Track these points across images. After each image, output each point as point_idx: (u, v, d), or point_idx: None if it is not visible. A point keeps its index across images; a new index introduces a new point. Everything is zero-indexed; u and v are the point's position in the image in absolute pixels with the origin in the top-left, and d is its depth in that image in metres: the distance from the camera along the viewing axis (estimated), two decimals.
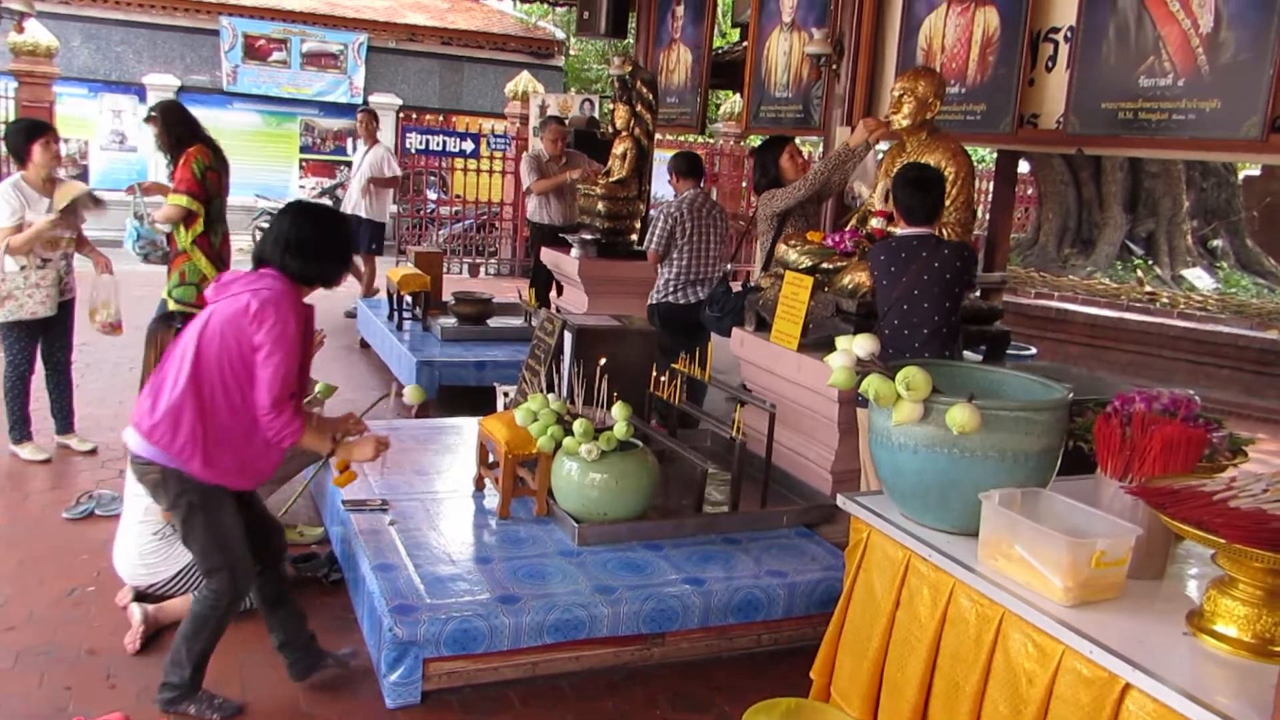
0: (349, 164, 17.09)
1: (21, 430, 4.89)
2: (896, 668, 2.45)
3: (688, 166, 5.96)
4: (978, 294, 4.33)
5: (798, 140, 5.87)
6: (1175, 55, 4.38)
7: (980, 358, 4.43)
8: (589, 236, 7.02)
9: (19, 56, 10.41)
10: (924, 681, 2.35)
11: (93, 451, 4.99)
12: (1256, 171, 12.63)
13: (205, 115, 16.70)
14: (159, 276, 7.17)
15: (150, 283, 7.20)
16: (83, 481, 4.60)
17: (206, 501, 2.77)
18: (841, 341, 2.69)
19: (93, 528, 4.11)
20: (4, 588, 3.58)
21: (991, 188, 9.38)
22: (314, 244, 2.84)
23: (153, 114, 5.14)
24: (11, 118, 10.43)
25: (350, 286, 7.20)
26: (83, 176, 15.06)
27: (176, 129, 4.96)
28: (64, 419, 5.07)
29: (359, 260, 8.66)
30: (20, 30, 10.54)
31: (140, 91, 15.33)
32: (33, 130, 4.76)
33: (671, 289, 5.85)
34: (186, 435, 2.69)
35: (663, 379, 4.27)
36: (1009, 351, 4.69)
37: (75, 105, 15.17)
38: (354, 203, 9.05)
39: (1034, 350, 6.01)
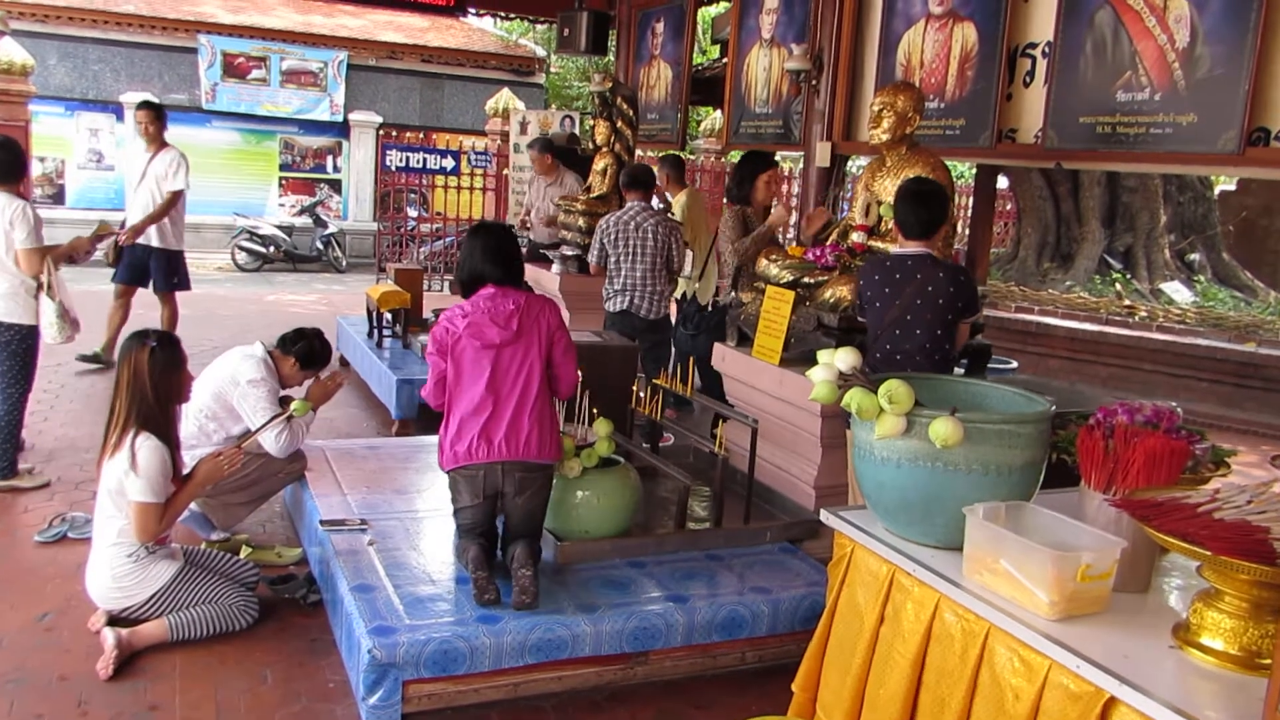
0: (330, 182, 17.22)
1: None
2: (880, 683, 2.42)
3: (630, 179, 6.03)
4: (975, 323, 4.24)
5: (779, 155, 5.88)
6: (1152, 70, 4.42)
7: (962, 371, 4.43)
8: (570, 253, 7.00)
9: None
10: (909, 697, 2.32)
11: (45, 485, 4.76)
12: (1232, 186, 12.77)
13: (184, 133, 16.58)
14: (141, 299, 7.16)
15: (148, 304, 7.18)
16: (55, 504, 4.52)
17: None
18: (823, 355, 2.68)
19: (65, 551, 4.03)
20: None
21: (971, 202, 9.44)
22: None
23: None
24: None
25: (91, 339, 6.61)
26: (59, 196, 14.94)
27: None
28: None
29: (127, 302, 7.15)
30: None
31: (118, 110, 15.23)
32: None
33: (606, 297, 5.98)
34: (553, 435, 3.34)
35: (643, 394, 4.25)
36: (990, 365, 4.69)
37: (52, 124, 15.05)
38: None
39: (1015, 364, 6.01)
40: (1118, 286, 11.24)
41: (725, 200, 5.49)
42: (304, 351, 4.16)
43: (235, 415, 4.02)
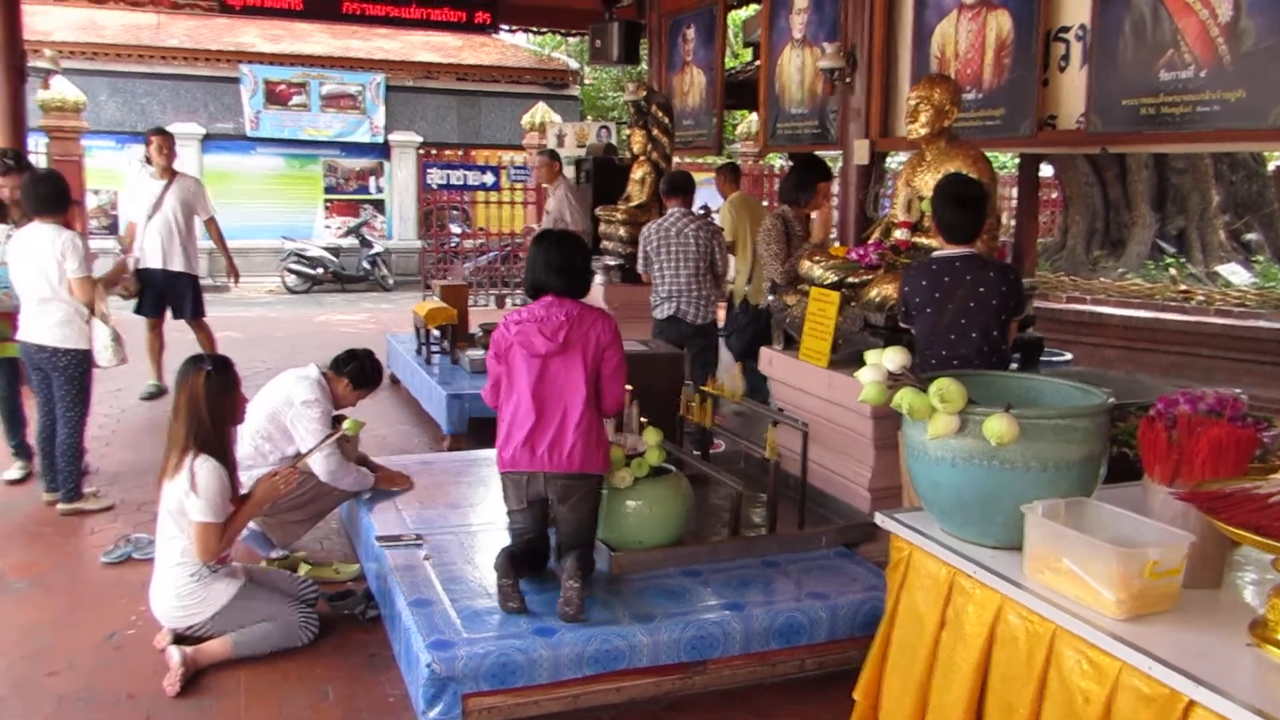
0: (374, 202, 17.46)
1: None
2: (943, 689, 2.37)
3: (669, 186, 6.03)
4: (1026, 316, 4.19)
5: (819, 153, 5.85)
6: (1195, 46, 4.31)
7: (1015, 366, 4.35)
8: (612, 262, 7.01)
9: (48, 113, 10.63)
10: (973, 703, 2.27)
11: (109, 508, 4.89)
12: None
13: (230, 161, 16.93)
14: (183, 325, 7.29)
15: (178, 327, 7.31)
16: (119, 526, 4.63)
17: None
18: (871, 356, 2.64)
19: (130, 571, 4.13)
20: (44, 634, 3.59)
21: (1015, 193, 9.30)
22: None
23: None
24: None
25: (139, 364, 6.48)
26: (113, 227, 15.32)
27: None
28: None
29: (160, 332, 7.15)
30: (47, 87, 10.77)
31: None
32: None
33: (653, 305, 5.95)
34: (598, 449, 3.34)
35: (693, 401, 4.23)
36: (1043, 359, 4.60)
37: (104, 158, 15.46)
38: (162, 252, 6.89)
39: (1069, 356, 5.89)
40: (1172, 271, 10.96)
41: (779, 202, 5.47)
42: (356, 372, 4.23)
43: (289, 436, 4.08)
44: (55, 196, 4.69)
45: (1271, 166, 12.45)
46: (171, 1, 9.62)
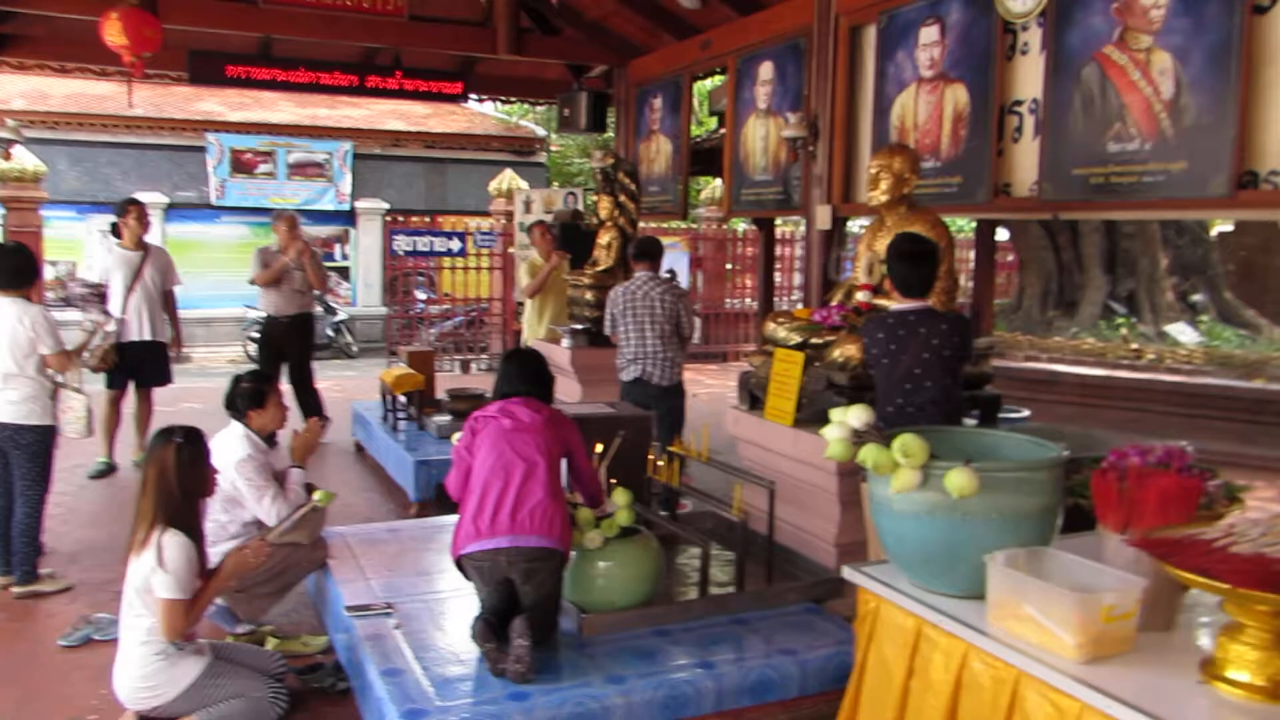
0: (339, 269, 17.49)
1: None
2: None
3: (637, 251, 6.16)
4: (983, 374, 4.38)
5: (780, 220, 6.01)
6: (1140, 121, 4.54)
7: (974, 423, 4.46)
8: (579, 326, 7.10)
9: (6, 183, 10.57)
10: None
11: (67, 589, 4.73)
12: (1230, 227, 12.90)
13: (194, 230, 16.77)
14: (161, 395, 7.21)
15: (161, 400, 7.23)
16: (78, 607, 4.50)
17: None
18: (835, 413, 2.73)
19: (90, 654, 4.00)
20: None
21: (973, 256, 9.55)
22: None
23: None
24: None
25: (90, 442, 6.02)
26: (70, 300, 15.18)
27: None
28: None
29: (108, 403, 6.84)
30: (8, 157, 10.74)
31: None
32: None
33: (619, 368, 6.04)
34: (561, 520, 3.40)
35: (660, 462, 4.29)
36: (1002, 415, 4.72)
37: (64, 228, 15.38)
38: (143, 324, 6.80)
39: (1027, 413, 6.03)
40: (1123, 331, 11.28)
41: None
42: (248, 397, 4.13)
43: (242, 503, 4.01)
44: (20, 270, 4.65)
45: (1214, 232, 12.92)
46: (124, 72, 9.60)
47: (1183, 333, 11.27)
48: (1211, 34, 4.20)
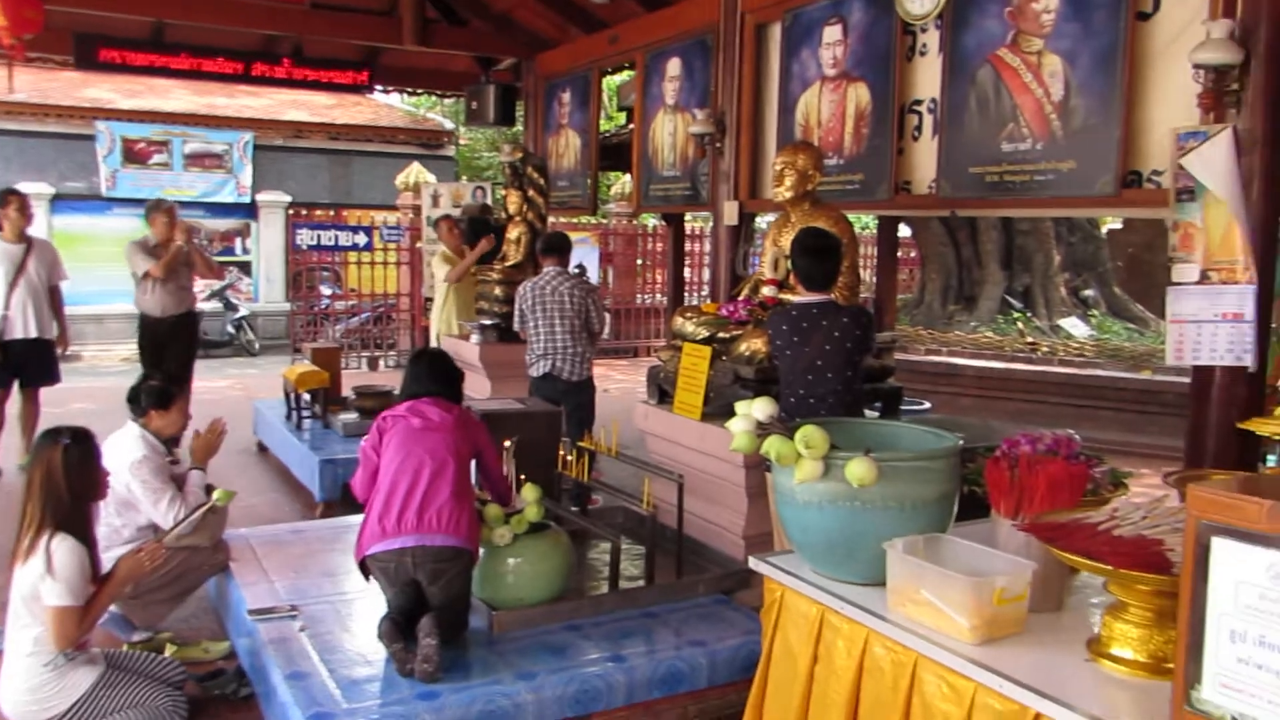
0: (240, 264, 16.96)
1: None
2: None
3: (545, 246, 6.19)
4: (885, 367, 4.51)
5: (689, 216, 6.07)
6: (1032, 122, 4.70)
7: (876, 415, 4.58)
8: (488, 322, 7.04)
9: None
10: None
11: None
12: (1119, 225, 13.48)
13: (82, 222, 16.09)
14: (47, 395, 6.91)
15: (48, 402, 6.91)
16: None
17: None
18: (741, 406, 2.76)
19: None
20: None
21: (875, 252, 9.79)
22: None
23: None
24: None
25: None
26: None
27: None
28: None
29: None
30: None
31: None
32: None
33: (528, 363, 6.05)
34: (469, 519, 3.36)
35: (569, 457, 4.28)
36: (904, 407, 4.86)
37: None
38: (28, 321, 6.53)
39: (928, 405, 6.22)
40: (1019, 325, 11.71)
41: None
42: (154, 395, 4.02)
43: (137, 506, 3.88)
44: None
45: (1105, 230, 13.49)
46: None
47: (1075, 326, 11.75)
48: (1098, 38, 4.38)
